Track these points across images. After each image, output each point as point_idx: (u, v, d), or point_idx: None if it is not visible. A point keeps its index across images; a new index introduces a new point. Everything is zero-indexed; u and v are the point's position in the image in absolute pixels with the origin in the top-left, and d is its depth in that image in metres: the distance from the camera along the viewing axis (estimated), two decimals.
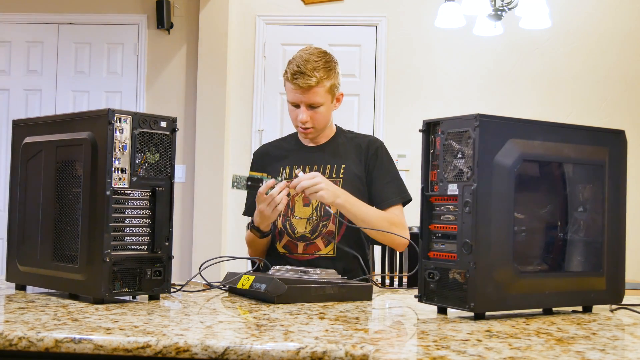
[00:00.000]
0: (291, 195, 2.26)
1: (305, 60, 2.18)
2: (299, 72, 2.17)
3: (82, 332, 1.18)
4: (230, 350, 1.12)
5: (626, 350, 1.19)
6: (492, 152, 1.41)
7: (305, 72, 2.16)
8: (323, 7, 5.20)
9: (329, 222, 2.22)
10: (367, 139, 2.36)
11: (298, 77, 2.17)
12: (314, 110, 2.22)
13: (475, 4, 3.92)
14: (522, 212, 1.47)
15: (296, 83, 2.17)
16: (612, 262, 1.59)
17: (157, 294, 1.64)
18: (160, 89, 5.24)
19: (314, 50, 2.23)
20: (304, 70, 2.16)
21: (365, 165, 2.29)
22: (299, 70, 2.17)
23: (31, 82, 5.31)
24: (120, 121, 1.57)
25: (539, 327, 1.35)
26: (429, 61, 5.13)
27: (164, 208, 1.64)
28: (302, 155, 2.32)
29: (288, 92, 2.24)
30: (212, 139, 5.05)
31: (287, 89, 2.24)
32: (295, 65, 2.18)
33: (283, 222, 2.25)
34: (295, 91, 2.19)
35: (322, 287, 1.66)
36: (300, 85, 2.17)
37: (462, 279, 1.42)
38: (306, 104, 2.21)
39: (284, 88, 2.27)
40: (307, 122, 2.22)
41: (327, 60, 2.22)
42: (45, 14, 5.29)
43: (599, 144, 1.59)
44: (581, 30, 5.07)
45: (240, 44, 5.21)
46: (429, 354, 1.08)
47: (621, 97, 5.05)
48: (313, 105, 2.21)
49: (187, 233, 5.09)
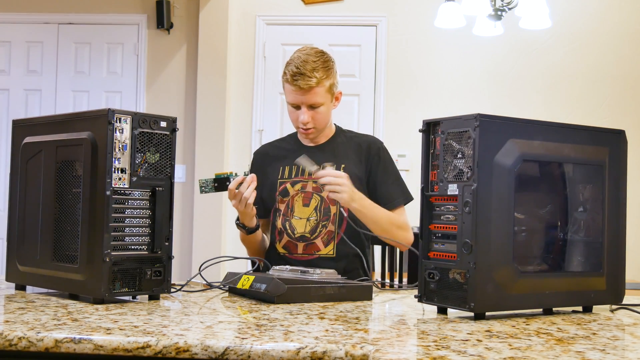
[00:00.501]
0: (290, 196, 2.26)
1: (304, 61, 2.18)
2: (299, 74, 2.16)
3: (82, 332, 1.18)
4: (230, 350, 1.12)
5: (626, 350, 1.19)
6: (492, 152, 1.41)
7: (305, 73, 2.16)
8: (323, 7, 5.20)
9: (328, 223, 2.22)
10: (367, 139, 2.36)
11: (298, 79, 2.16)
12: (314, 111, 2.22)
13: (475, 4, 3.92)
14: (522, 212, 1.47)
15: (296, 84, 2.17)
16: (612, 262, 1.58)
17: (157, 294, 1.64)
18: (160, 89, 5.24)
19: (311, 51, 2.23)
20: (303, 71, 2.16)
21: (367, 166, 2.29)
22: (299, 71, 2.17)
23: (31, 82, 5.31)
24: (120, 121, 1.57)
25: (539, 327, 1.35)
26: (429, 61, 5.13)
27: (164, 208, 1.64)
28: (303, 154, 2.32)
29: (288, 93, 2.23)
30: (212, 139, 5.05)
31: (286, 91, 2.24)
32: (294, 66, 2.18)
33: (283, 223, 2.25)
34: (296, 92, 2.19)
35: (322, 287, 1.66)
36: (301, 87, 2.17)
37: (462, 279, 1.42)
38: (307, 104, 2.20)
39: (283, 90, 2.27)
40: (308, 122, 2.22)
41: (325, 60, 2.21)
42: (45, 14, 5.29)
43: (599, 144, 1.59)
44: (581, 30, 5.07)
45: (240, 44, 5.21)
46: (429, 354, 1.08)
47: (621, 97, 5.05)
48: (314, 106, 2.21)
49: (187, 233, 5.09)
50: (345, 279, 1.83)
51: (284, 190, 2.27)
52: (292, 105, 2.24)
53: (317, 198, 2.25)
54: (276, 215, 2.27)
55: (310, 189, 2.26)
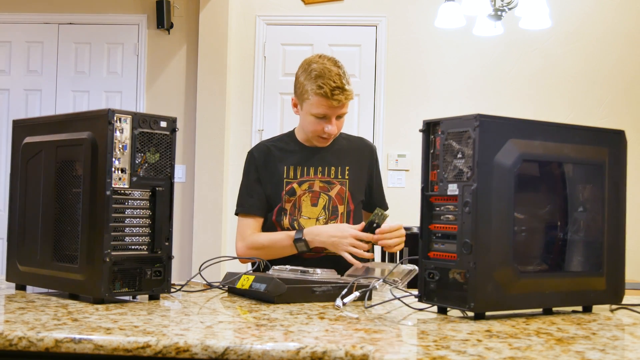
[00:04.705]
0: (298, 195, 2.26)
1: (337, 74, 2.17)
2: (338, 88, 2.16)
3: (82, 332, 1.18)
4: (230, 350, 1.12)
5: (626, 350, 1.19)
6: (492, 152, 1.41)
7: (344, 86, 2.17)
8: (323, 7, 5.20)
9: (337, 221, 2.24)
10: (365, 143, 2.45)
11: (338, 93, 2.16)
12: (339, 120, 2.26)
13: (475, 4, 3.92)
14: (522, 212, 1.47)
15: (337, 98, 2.16)
16: (612, 262, 1.58)
17: (157, 294, 1.64)
18: (160, 89, 5.24)
19: (330, 62, 2.21)
20: (341, 85, 2.17)
21: (369, 171, 2.38)
22: (337, 85, 2.16)
23: (31, 82, 5.31)
24: (120, 121, 1.57)
25: (539, 327, 1.35)
26: (428, 61, 5.13)
27: (164, 208, 1.64)
28: (306, 155, 2.32)
29: (318, 106, 2.19)
30: (212, 139, 5.05)
31: (315, 103, 2.19)
32: (330, 80, 2.16)
33: (290, 222, 2.25)
34: (333, 106, 2.18)
35: (322, 287, 1.66)
36: (341, 101, 2.18)
37: (462, 279, 1.42)
38: (337, 115, 2.23)
39: (305, 102, 2.22)
40: (334, 131, 2.25)
41: (342, 66, 2.23)
42: (45, 14, 5.29)
43: (599, 144, 1.59)
44: (581, 30, 5.07)
45: (240, 44, 5.21)
46: (429, 354, 1.08)
47: (621, 97, 5.05)
48: (340, 115, 2.24)
49: (187, 233, 5.09)
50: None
51: (291, 190, 2.27)
52: (319, 116, 2.22)
53: (324, 197, 2.26)
54: (282, 215, 2.27)
55: (317, 189, 2.27)
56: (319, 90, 2.16)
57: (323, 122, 2.22)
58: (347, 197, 2.28)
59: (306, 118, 2.24)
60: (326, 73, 2.17)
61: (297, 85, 2.26)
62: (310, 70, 2.19)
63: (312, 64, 2.21)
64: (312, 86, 2.18)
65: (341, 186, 2.28)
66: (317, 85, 2.17)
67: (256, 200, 2.29)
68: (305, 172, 2.29)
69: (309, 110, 2.22)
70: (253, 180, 2.31)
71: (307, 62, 2.25)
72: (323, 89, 2.16)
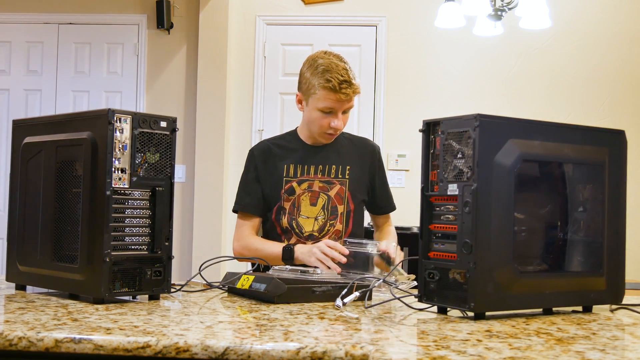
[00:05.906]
0: (297, 195, 2.26)
1: (344, 68, 2.18)
2: (345, 81, 2.16)
3: (82, 332, 1.18)
4: (230, 350, 1.12)
5: (626, 350, 1.19)
6: (492, 152, 1.41)
7: (351, 80, 2.17)
8: (323, 7, 5.20)
9: (336, 222, 2.24)
10: (368, 143, 2.44)
11: (346, 87, 2.16)
12: (345, 115, 2.26)
13: (475, 4, 3.92)
14: (522, 212, 1.47)
15: (344, 92, 2.16)
16: (612, 262, 1.58)
17: (157, 294, 1.64)
18: (160, 89, 5.24)
19: (336, 58, 2.21)
20: (348, 79, 2.17)
21: (371, 171, 2.37)
22: (344, 79, 2.16)
23: (31, 82, 5.31)
24: (120, 121, 1.57)
25: (539, 327, 1.35)
26: (429, 61, 5.13)
27: (164, 208, 1.64)
28: (307, 154, 2.32)
29: (324, 100, 2.19)
30: (212, 139, 5.05)
31: (321, 97, 2.19)
32: (338, 74, 2.16)
33: (289, 221, 2.26)
34: (339, 100, 2.18)
35: (322, 287, 1.66)
36: (349, 94, 2.18)
37: (462, 279, 1.42)
38: (343, 110, 2.23)
39: (312, 96, 2.22)
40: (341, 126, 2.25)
41: (347, 62, 2.23)
42: (45, 14, 5.29)
43: (599, 144, 1.59)
44: (581, 30, 5.07)
45: (240, 44, 5.21)
46: (429, 354, 1.08)
47: (621, 97, 5.05)
48: (345, 110, 2.24)
49: (187, 233, 5.09)
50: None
51: (290, 189, 2.28)
52: (326, 110, 2.22)
53: (324, 197, 2.26)
54: (281, 214, 2.27)
55: (316, 188, 2.27)
56: (326, 84, 2.16)
57: (329, 117, 2.22)
58: (347, 197, 2.28)
59: (312, 113, 2.24)
60: (333, 67, 2.18)
61: (302, 81, 2.26)
62: (316, 66, 2.20)
63: (318, 59, 2.22)
64: (319, 80, 2.18)
65: (341, 186, 2.28)
66: (325, 79, 2.17)
67: (253, 199, 2.30)
68: (306, 171, 2.29)
69: (315, 105, 2.22)
70: (251, 179, 2.31)
71: (312, 58, 2.25)
72: (331, 82, 2.16)
